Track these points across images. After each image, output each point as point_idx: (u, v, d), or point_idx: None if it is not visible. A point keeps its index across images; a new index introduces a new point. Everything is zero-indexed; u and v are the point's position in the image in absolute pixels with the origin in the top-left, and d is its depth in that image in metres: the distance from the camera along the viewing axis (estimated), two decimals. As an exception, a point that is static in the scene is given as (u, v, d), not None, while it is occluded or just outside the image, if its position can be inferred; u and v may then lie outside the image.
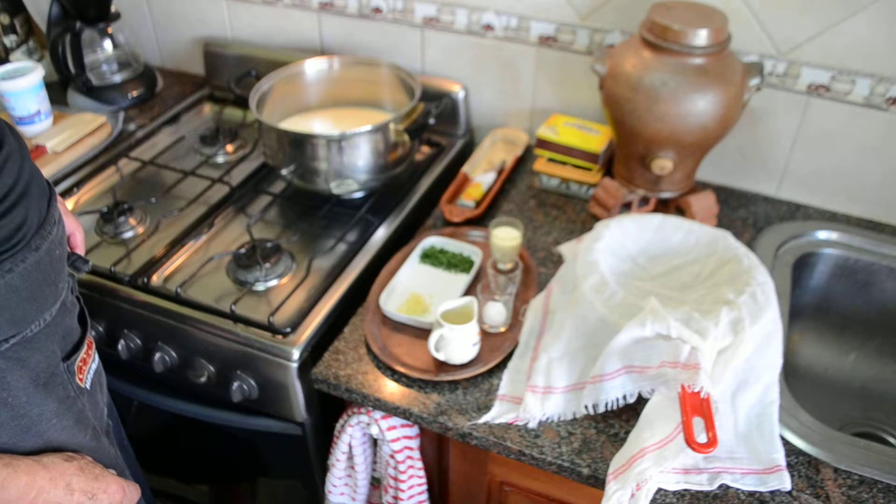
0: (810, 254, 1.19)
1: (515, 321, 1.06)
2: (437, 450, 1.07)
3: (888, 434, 1.16)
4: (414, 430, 1.03)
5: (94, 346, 0.83)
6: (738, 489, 0.85)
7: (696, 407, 0.81)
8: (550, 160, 1.31)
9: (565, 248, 1.17)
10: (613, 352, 0.88)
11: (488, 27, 1.35)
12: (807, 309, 1.24)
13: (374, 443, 1.08)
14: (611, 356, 0.89)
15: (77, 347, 0.77)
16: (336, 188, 1.23)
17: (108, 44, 1.57)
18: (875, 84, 1.14)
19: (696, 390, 0.82)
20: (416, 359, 1.01)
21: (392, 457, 1.02)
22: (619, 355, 0.89)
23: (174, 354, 1.11)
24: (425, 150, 1.44)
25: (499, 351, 1.01)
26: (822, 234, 1.22)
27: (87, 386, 0.80)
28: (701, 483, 0.85)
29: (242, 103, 1.35)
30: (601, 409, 0.91)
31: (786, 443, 0.89)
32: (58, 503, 0.69)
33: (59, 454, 0.73)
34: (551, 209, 1.29)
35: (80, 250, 0.89)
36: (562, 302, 1.03)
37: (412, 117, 1.23)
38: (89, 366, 0.80)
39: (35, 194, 0.69)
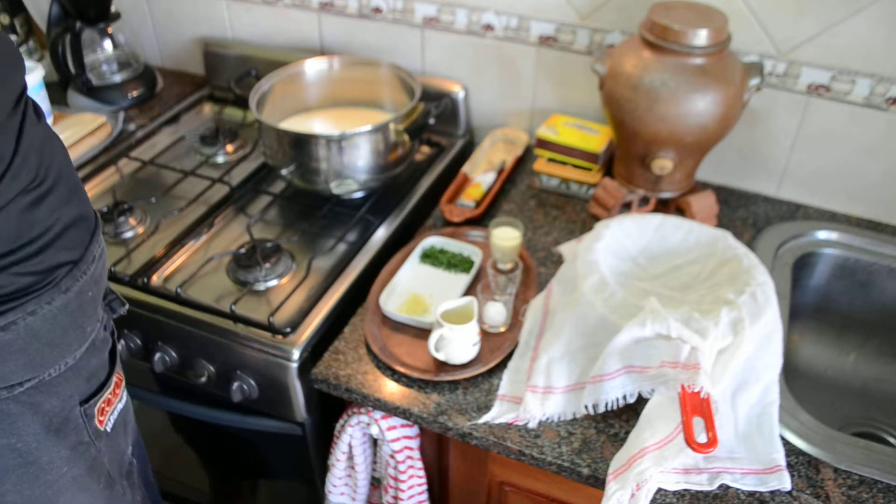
0: (810, 254, 1.19)
1: (515, 321, 1.06)
2: (437, 450, 1.07)
3: (888, 434, 1.16)
4: (414, 430, 1.03)
5: (123, 383, 0.78)
6: (738, 489, 0.85)
7: (696, 407, 0.81)
8: (550, 160, 1.31)
9: (565, 248, 1.17)
10: (613, 352, 0.88)
11: (488, 27, 1.35)
12: (807, 309, 1.24)
13: (374, 443, 1.08)
14: (611, 356, 0.89)
15: (101, 388, 0.72)
16: (336, 188, 1.23)
17: (108, 44, 1.57)
18: (875, 84, 1.14)
19: (696, 390, 0.82)
20: (416, 359, 1.01)
21: (392, 457, 1.02)
22: (619, 355, 0.89)
23: (174, 354, 1.11)
24: (425, 150, 1.44)
25: (499, 351, 1.01)
26: (822, 234, 1.22)
27: (108, 428, 0.74)
28: (701, 483, 0.85)
29: (242, 103, 1.35)
30: (601, 409, 0.91)
31: (786, 443, 0.89)
32: None
33: None
34: (551, 209, 1.29)
35: None
36: (562, 302, 1.03)
37: (412, 117, 1.23)
38: (114, 406, 0.75)
39: (75, 232, 0.64)
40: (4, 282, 0.58)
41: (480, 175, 1.33)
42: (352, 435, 1.03)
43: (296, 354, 1.01)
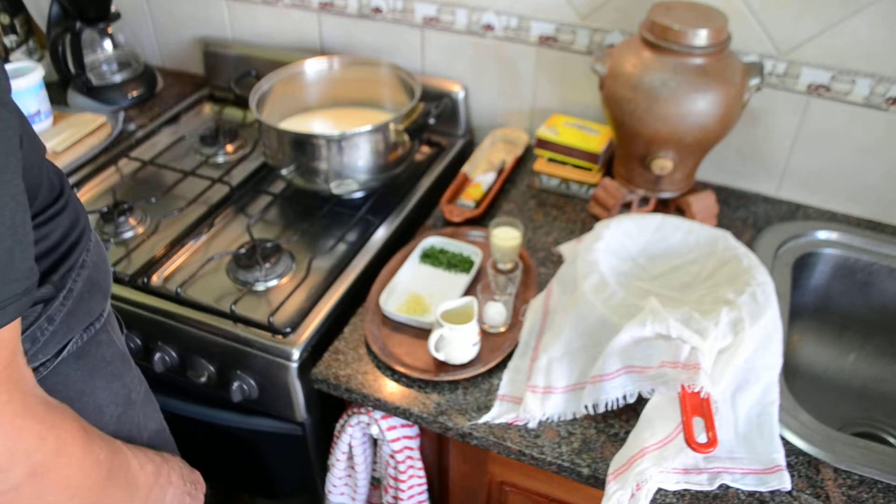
0: (810, 254, 1.19)
1: (515, 321, 1.06)
2: (437, 450, 1.07)
3: (888, 434, 1.16)
4: (414, 430, 1.03)
5: None
6: (738, 489, 0.85)
7: (696, 407, 0.81)
8: (550, 160, 1.31)
9: (565, 248, 1.17)
10: (613, 352, 0.88)
11: (488, 27, 1.35)
12: (807, 309, 1.24)
13: (374, 443, 1.08)
14: (611, 356, 0.89)
15: (120, 323, 0.82)
16: (336, 188, 1.23)
17: (108, 44, 1.57)
18: (875, 84, 1.14)
19: (696, 390, 0.82)
20: (416, 359, 1.01)
21: (392, 457, 1.02)
22: (619, 355, 0.89)
23: (174, 354, 1.11)
24: (425, 150, 1.44)
25: (499, 351, 1.01)
26: (822, 234, 1.22)
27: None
28: (701, 483, 0.85)
29: (242, 103, 1.35)
30: (601, 409, 0.91)
31: (786, 443, 0.89)
32: (180, 490, 0.78)
33: (163, 452, 0.80)
34: (551, 209, 1.29)
35: None
36: (562, 302, 1.03)
37: (412, 117, 1.23)
38: None
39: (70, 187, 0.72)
40: (71, 218, 0.67)
41: (480, 175, 1.33)
42: (352, 435, 1.03)
43: (296, 354, 1.02)
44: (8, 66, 1.39)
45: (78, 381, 0.69)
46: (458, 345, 0.97)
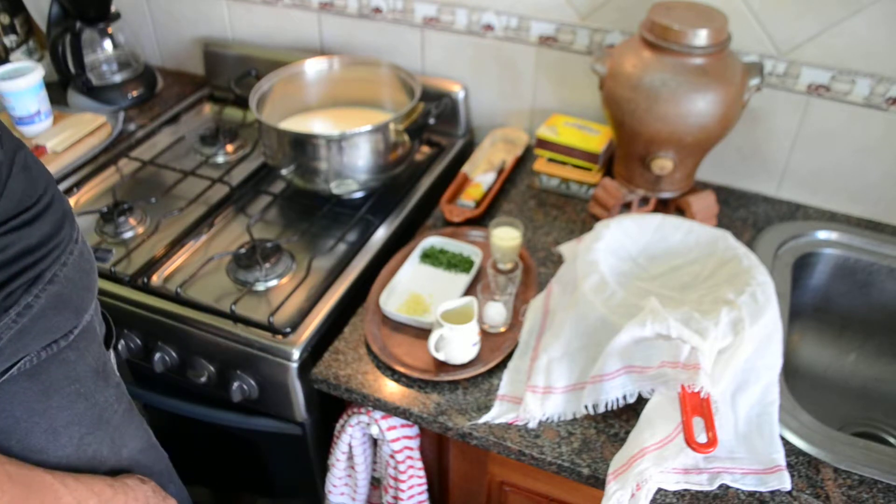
0: (810, 254, 1.19)
1: (515, 321, 1.06)
2: (437, 450, 1.07)
3: (888, 434, 1.16)
4: (414, 430, 1.03)
5: None
6: (738, 489, 0.85)
7: (696, 407, 0.81)
8: (550, 160, 1.31)
9: (565, 248, 1.17)
10: (613, 352, 0.88)
11: (488, 27, 1.35)
12: (807, 309, 1.24)
13: (374, 443, 1.09)
14: (611, 356, 0.89)
15: (108, 337, 0.80)
16: (336, 188, 1.23)
17: (108, 44, 1.57)
18: (875, 84, 1.14)
19: (696, 390, 0.82)
20: (416, 359, 1.01)
21: (392, 457, 1.02)
22: (619, 355, 0.89)
23: (174, 354, 1.11)
24: (425, 150, 1.44)
25: (499, 351, 1.01)
26: (822, 234, 1.22)
27: (116, 374, 0.82)
28: (701, 483, 0.85)
29: (242, 103, 1.35)
30: (601, 409, 0.91)
31: (786, 443, 0.89)
32: None
33: (134, 476, 0.77)
34: (551, 209, 1.29)
35: None
36: (562, 302, 1.03)
37: (412, 117, 1.23)
38: (110, 356, 0.82)
39: (56, 189, 0.69)
40: (47, 229, 0.63)
41: (480, 175, 1.33)
42: (352, 435, 1.03)
43: (296, 354, 1.02)
44: (8, 66, 1.39)
45: (28, 400, 0.65)
46: (458, 345, 0.97)
